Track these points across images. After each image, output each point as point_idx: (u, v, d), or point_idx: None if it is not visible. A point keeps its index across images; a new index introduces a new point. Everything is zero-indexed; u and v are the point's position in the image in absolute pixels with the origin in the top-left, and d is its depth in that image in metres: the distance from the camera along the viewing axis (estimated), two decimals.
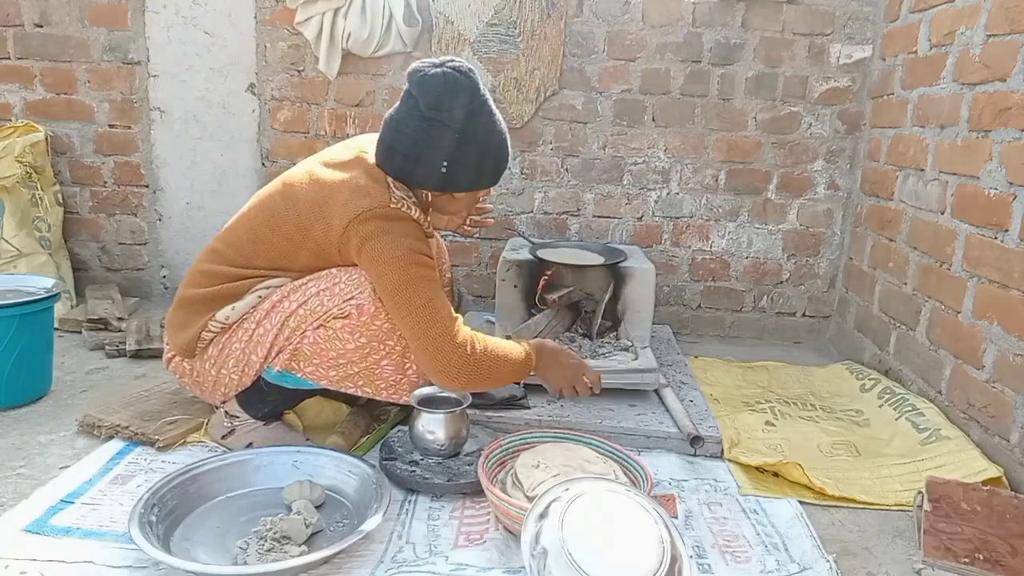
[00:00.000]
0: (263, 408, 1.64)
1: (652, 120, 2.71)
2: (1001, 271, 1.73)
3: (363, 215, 1.45)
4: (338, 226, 1.47)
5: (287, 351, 1.53)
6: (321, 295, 1.51)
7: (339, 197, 1.49)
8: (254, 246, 1.56)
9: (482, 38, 2.64)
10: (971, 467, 1.63)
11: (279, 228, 1.54)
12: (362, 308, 1.50)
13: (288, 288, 1.54)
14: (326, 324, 1.51)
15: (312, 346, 1.52)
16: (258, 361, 1.54)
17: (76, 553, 1.24)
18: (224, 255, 1.59)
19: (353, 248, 1.47)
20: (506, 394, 1.85)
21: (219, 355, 1.57)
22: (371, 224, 1.45)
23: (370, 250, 1.46)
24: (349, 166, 1.55)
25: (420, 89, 1.47)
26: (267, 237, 1.55)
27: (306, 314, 1.51)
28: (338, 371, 1.54)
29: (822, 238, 2.79)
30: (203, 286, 1.57)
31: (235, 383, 1.58)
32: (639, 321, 2.15)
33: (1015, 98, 1.72)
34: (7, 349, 1.78)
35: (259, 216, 1.58)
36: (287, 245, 1.54)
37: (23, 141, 2.58)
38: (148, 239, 2.91)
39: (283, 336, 1.52)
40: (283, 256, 1.55)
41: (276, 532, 1.27)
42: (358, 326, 1.50)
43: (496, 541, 1.34)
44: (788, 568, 1.32)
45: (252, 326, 1.54)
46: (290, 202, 1.54)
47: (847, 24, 2.61)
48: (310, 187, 1.53)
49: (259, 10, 2.71)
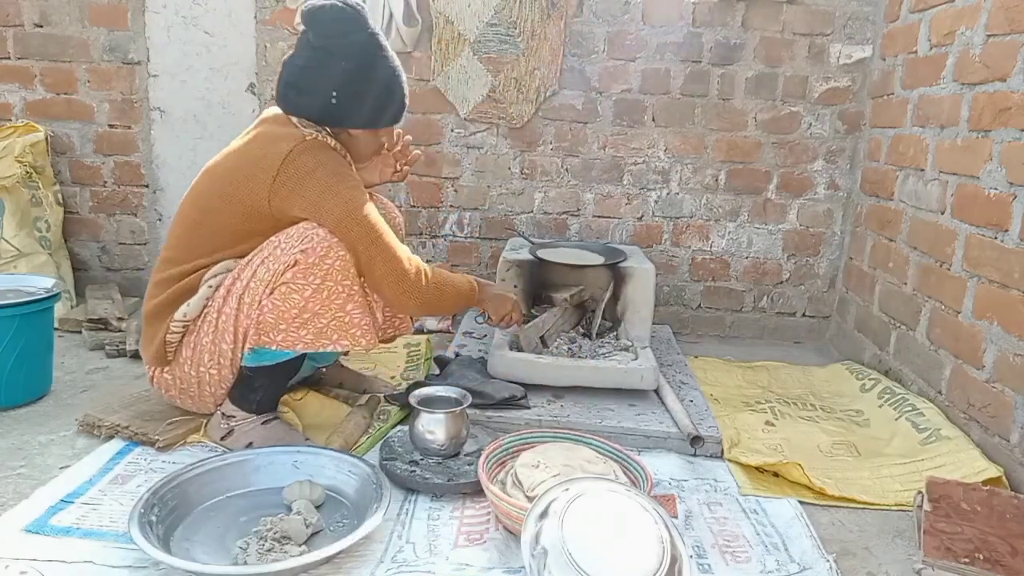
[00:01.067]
0: (255, 397, 1.63)
1: (652, 120, 2.71)
2: (1001, 271, 1.73)
3: (288, 156, 1.48)
4: (264, 179, 1.48)
5: (252, 328, 1.51)
6: (266, 262, 1.50)
7: (256, 152, 1.53)
8: (190, 237, 1.58)
9: (482, 38, 2.65)
10: (971, 467, 1.63)
11: (206, 207, 1.56)
12: (307, 251, 1.49)
13: (237, 268, 1.53)
14: (277, 284, 1.49)
15: (272, 312, 1.49)
16: (229, 349, 1.53)
17: (76, 553, 1.24)
18: (171, 259, 1.60)
19: (288, 193, 1.49)
20: (506, 394, 1.85)
21: (193, 355, 1.56)
22: (299, 162, 1.48)
23: (307, 188, 1.48)
24: (254, 130, 1.61)
25: (309, 20, 1.52)
26: (199, 221, 1.57)
27: (256, 285, 1.50)
28: (307, 329, 1.51)
29: (822, 238, 2.79)
30: (158, 296, 1.58)
31: (216, 379, 1.58)
32: (639, 321, 2.15)
33: (1015, 98, 1.72)
34: (7, 349, 1.78)
35: (185, 206, 1.61)
36: (215, 219, 1.54)
37: (23, 141, 2.58)
38: (148, 239, 2.91)
39: (243, 315, 1.51)
40: (217, 234, 1.55)
41: (276, 532, 1.27)
42: (307, 268, 1.48)
43: (496, 541, 1.34)
44: (788, 568, 1.32)
45: (214, 316, 1.53)
46: (209, 178, 1.58)
47: (847, 24, 2.61)
48: (225, 159, 1.58)
49: (259, 10, 2.71)
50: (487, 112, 2.70)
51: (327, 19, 1.51)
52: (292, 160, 1.48)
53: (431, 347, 2.46)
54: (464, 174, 2.79)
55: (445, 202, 2.83)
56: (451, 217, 2.83)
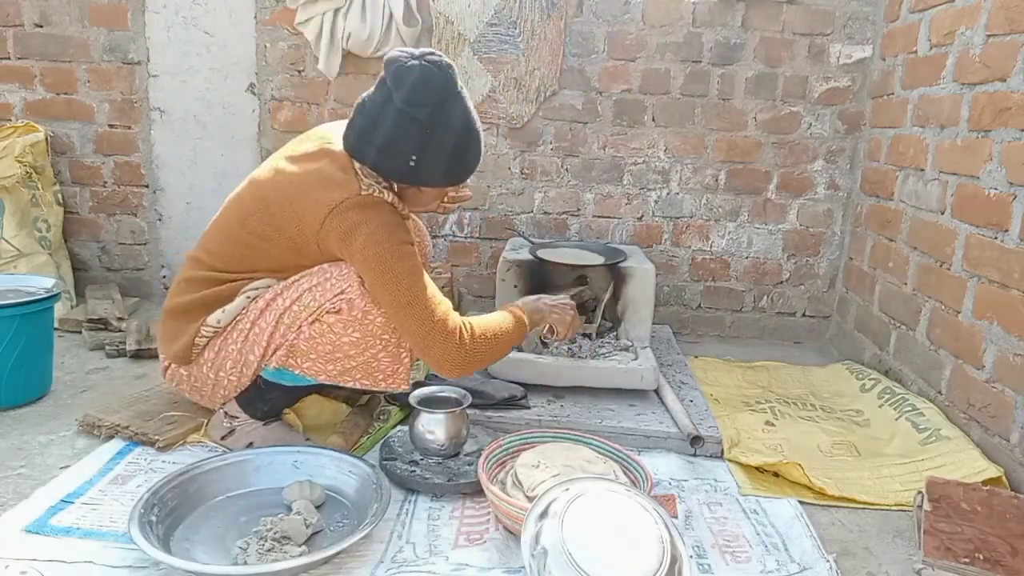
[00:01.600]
0: (263, 407, 1.63)
1: (652, 120, 2.71)
2: (1001, 271, 1.73)
3: (337, 208, 1.43)
4: (313, 222, 1.45)
5: (283, 348, 1.52)
6: (314, 290, 1.50)
7: (309, 192, 1.46)
8: (231, 250, 1.55)
9: (482, 38, 2.64)
10: (971, 467, 1.63)
11: (253, 229, 1.52)
12: (352, 303, 1.48)
13: (281, 286, 1.53)
14: (320, 319, 1.50)
15: (308, 341, 1.51)
16: (255, 360, 1.53)
17: (76, 553, 1.24)
18: (205, 262, 1.58)
19: (333, 243, 1.46)
20: (506, 394, 1.85)
21: (215, 358, 1.56)
22: (347, 216, 1.43)
23: (351, 245, 1.44)
24: (314, 158, 1.52)
25: (395, 80, 1.43)
26: (242, 239, 1.53)
27: (300, 310, 1.50)
28: (335, 365, 1.53)
29: (822, 238, 2.79)
30: (189, 293, 1.56)
31: (234, 384, 1.58)
32: (639, 321, 2.15)
33: (1015, 98, 1.72)
34: (7, 349, 1.78)
35: (232, 219, 1.57)
36: (263, 245, 1.52)
37: (23, 141, 2.58)
38: (148, 239, 2.91)
39: (279, 333, 1.51)
40: (261, 256, 1.53)
41: (276, 532, 1.27)
42: (350, 321, 1.49)
43: (496, 541, 1.34)
44: (788, 568, 1.32)
45: (247, 326, 1.53)
46: (260, 202, 1.52)
47: (847, 24, 2.61)
48: (278, 184, 1.51)
49: (259, 10, 2.71)
50: (487, 112, 2.70)
51: (414, 82, 1.41)
52: (340, 213, 1.43)
53: None
54: None
55: None
56: (451, 217, 2.83)
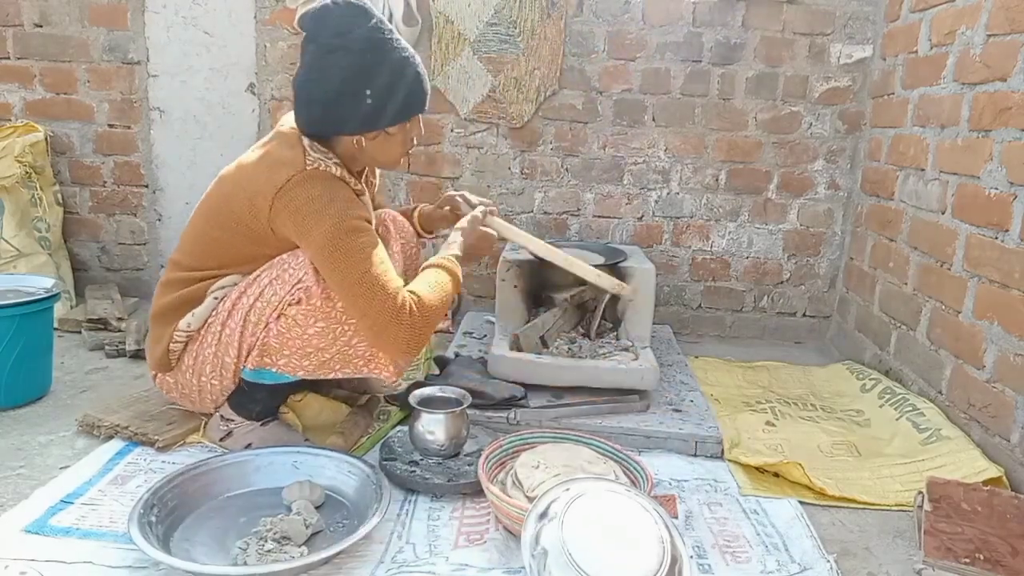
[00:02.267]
0: (255, 408, 1.63)
1: (652, 120, 2.71)
2: (1001, 271, 1.73)
3: (283, 187, 1.40)
4: (263, 206, 1.42)
5: (256, 347, 1.50)
6: (273, 283, 1.48)
7: (258, 175, 1.45)
8: (201, 247, 1.56)
9: (482, 38, 2.64)
10: (972, 467, 1.63)
11: (217, 222, 1.52)
12: (310, 291, 1.46)
13: (244, 283, 1.51)
14: (284, 312, 1.48)
15: (277, 337, 1.49)
16: (232, 362, 1.53)
17: (76, 553, 1.24)
18: (180, 263, 1.58)
19: (286, 225, 1.43)
20: (506, 394, 1.85)
21: (194, 363, 1.56)
22: (294, 195, 1.40)
23: (301, 225, 1.40)
24: (267, 143, 1.54)
25: (315, 24, 1.43)
26: (208, 234, 1.54)
27: (264, 306, 1.48)
28: (310, 359, 1.50)
29: (822, 238, 2.79)
30: (166, 296, 1.57)
31: (217, 388, 1.58)
32: (639, 321, 2.15)
33: (1015, 98, 1.72)
34: (7, 349, 1.77)
35: (200, 215, 1.57)
36: (225, 236, 1.51)
37: (23, 141, 2.58)
38: (148, 239, 2.91)
39: (248, 332, 1.50)
40: (225, 251, 1.53)
41: (276, 533, 1.27)
42: (311, 310, 1.46)
43: (496, 541, 1.34)
44: (789, 568, 1.32)
45: (218, 328, 1.52)
46: (222, 195, 1.53)
47: (847, 24, 2.60)
48: (234, 174, 1.52)
49: (259, 10, 2.71)
50: (487, 112, 2.70)
51: (334, 15, 1.42)
52: (287, 191, 1.41)
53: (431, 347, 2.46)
54: (464, 174, 2.79)
55: None
56: None
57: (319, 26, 1.43)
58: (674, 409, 1.92)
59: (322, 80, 1.44)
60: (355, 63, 1.43)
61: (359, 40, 1.42)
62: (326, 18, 1.43)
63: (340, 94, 1.44)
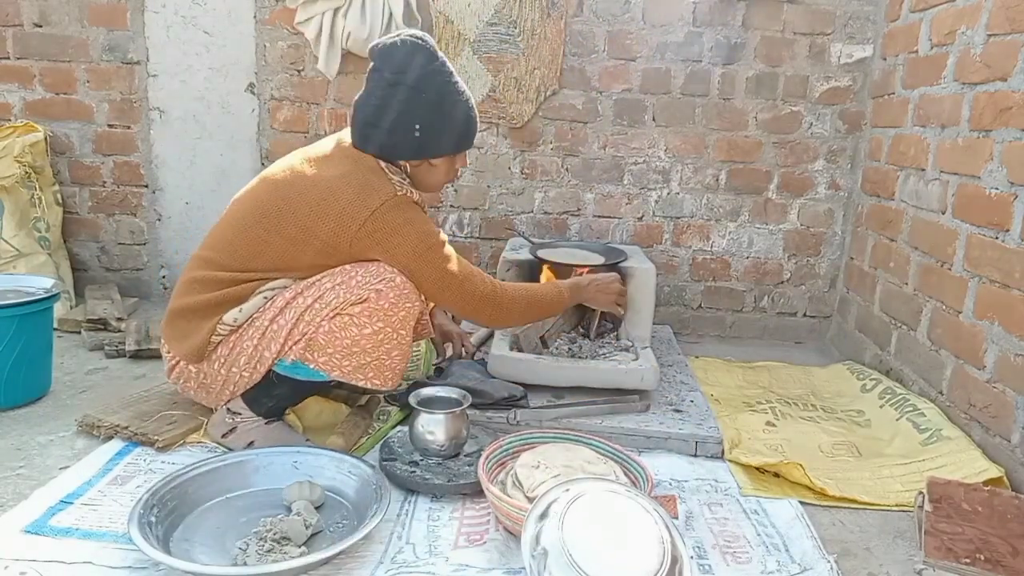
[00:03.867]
0: (268, 403, 1.63)
1: (652, 120, 2.71)
2: (1002, 271, 1.73)
3: (376, 213, 1.50)
4: (352, 225, 1.50)
5: (302, 341, 1.53)
6: (337, 288, 1.52)
7: (344, 195, 1.51)
8: (250, 249, 1.56)
9: (482, 38, 2.64)
10: (972, 467, 1.63)
11: (279, 230, 1.53)
12: (381, 293, 1.52)
13: (301, 285, 1.54)
14: (342, 312, 1.52)
15: (327, 335, 1.52)
16: (271, 356, 1.54)
17: (75, 554, 1.24)
18: (216, 262, 1.58)
19: (370, 244, 1.53)
20: (506, 394, 1.85)
21: (229, 354, 1.56)
22: (386, 219, 1.51)
23: (392, 245, 1.53)
24: (336, 158, 1.59)
25: (382, 58, 1.57)
26: (265, 239, 1.54)
27: (322, 307, 1.52)
28: (351, 360, 1.54)
29: (823, 238, 2.78)
30: (200, 293, 1.56)
31: (245, 380, 1.58)
32: (639, 321, 2.15)
33: (1016, 98, 1.72)
34: (7, 349, 1.77)
35: (247, 217, 1.58)
36: (289, 246, 1.54)
37: (22, 141, 2.58)
38: (147, 239, 2.91)
39: (298, 330, 1.52)
40: (284, 257, 1.55)
41: (276, 533, 1.27)
42: (376, 310, 1.52)
43: (496, 542, 1.33)
44: (789, 569, 1.32)
45: (265, 323, 1.53)
46: (282, 201, 1.54)
47: (848, 23, 2.60)
48: (303, 186, 1.55)
49: (259, 10, 2.71)
50: (487, 112, 2.70)
51: (399, 53, 1.55)
52: (380, 215, 1.51)
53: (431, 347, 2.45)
54: (464, 174, 2.78)
55: (445, 202, 2.82)
56: (451, 217, 2.83)
57: (384, 61, 1.58)
58: (674, 409, 1.92)
59: (381, 109, 1.57)
60: (410, 99, 1.57)
61: (417, 79, 1.56)
62: (393, 54, 1.57)
63: (394, 124, 1.57)
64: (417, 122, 1.57)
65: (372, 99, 1.58)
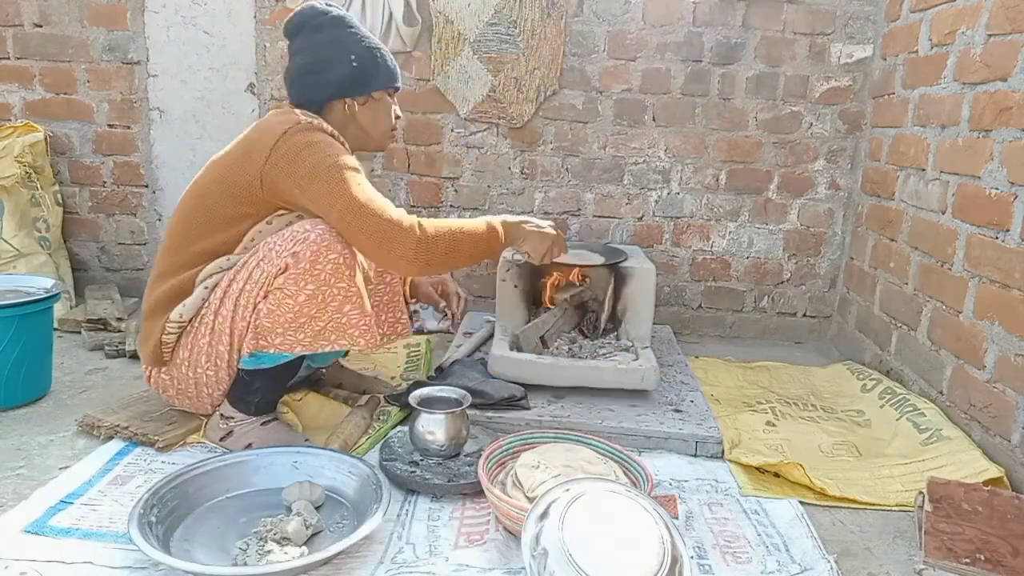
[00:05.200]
0: (254, 399, 1.62)
1: (652, 120, 2.71)
2: (1002, 271, 1.73)
3: (282, 136, 1.50)
4: (258, 159, 1.50)
5: (249, 332, 1.51)
6: (261, 264, 1.49)
7: (250, 137, 1.57)
8: (186, 229, 1.58)
9: (482, 37, 2.64)
10: (972, 467, 1.63)
11: (200, 192, 1.59)
12: (297, 255, 1.46)
13: (233, 271, 1.53)
14: (271, 288, 1.49)
15: (268, 316, 1.49)
16: (226, 351, 1.53)
17: (76, 554, 1.24)
18: (168, 248, 1.61)
19: (278, 177, 1.50)
20: (506, 394, 1.85)
21: (190, 356, 1.56)
22: (291, 141, 1.50)
23: (298, 167, 1.49)
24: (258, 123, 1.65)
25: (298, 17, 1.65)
26: (192, 206, 1.59)
27: (252, 287, 1.49)
28: (304, 331, 1.50)
29: (823, 238, 2.78)
30: (155, 290, 1.58)
31: (213, 380, 1.58)
32: (639, 321, 2.15)
33: (1016, 98, 1.72)
34: (7, 349, 1.77)
35: (186, 195, 1.63)
36: (209, 202, 1.56)
37: (23, 141, 2.58)
38: (147, 239, 2.91)
39: (239, 317, 1.50)
40: (209, 219, 1.56)
41: (276, 533, 1.27)
42: (299, 275, 1.47)
43: (496, 542, 1.33)
44: (789, 569, 1.32)
45: (211, 318, 1.53)
46: (210, 169, 1.61)
47: (848, 23, 2.60)
48: (228, 149, 1.61)
49: (259, 10, 2.71)
50: (487, 112, 2.70)
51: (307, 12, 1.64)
52: (287, 139, 1.50)
53: (431, 347, 2.46)
54: (464, 174, 2.78)
55: (445, 202, 2.82)
56: (451, 217, 2.83)
57: (302, 16, 1.65)
58: (674, 409, 1.92)
59: (312, 51, 1.63)
60: (340, 33, 1.64)
61: (339, 18, 1.65)
62: (305, 10, 1.65)
63: (329, 60, 1.62)
64: (352, 53, 1.62)
65: (301, 56, 1.64)
